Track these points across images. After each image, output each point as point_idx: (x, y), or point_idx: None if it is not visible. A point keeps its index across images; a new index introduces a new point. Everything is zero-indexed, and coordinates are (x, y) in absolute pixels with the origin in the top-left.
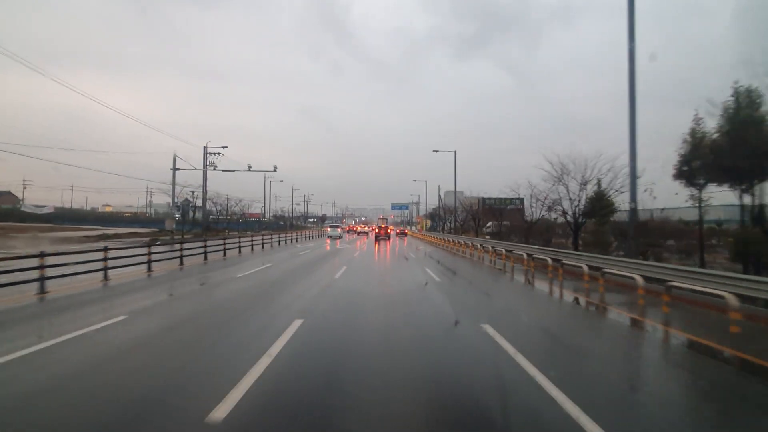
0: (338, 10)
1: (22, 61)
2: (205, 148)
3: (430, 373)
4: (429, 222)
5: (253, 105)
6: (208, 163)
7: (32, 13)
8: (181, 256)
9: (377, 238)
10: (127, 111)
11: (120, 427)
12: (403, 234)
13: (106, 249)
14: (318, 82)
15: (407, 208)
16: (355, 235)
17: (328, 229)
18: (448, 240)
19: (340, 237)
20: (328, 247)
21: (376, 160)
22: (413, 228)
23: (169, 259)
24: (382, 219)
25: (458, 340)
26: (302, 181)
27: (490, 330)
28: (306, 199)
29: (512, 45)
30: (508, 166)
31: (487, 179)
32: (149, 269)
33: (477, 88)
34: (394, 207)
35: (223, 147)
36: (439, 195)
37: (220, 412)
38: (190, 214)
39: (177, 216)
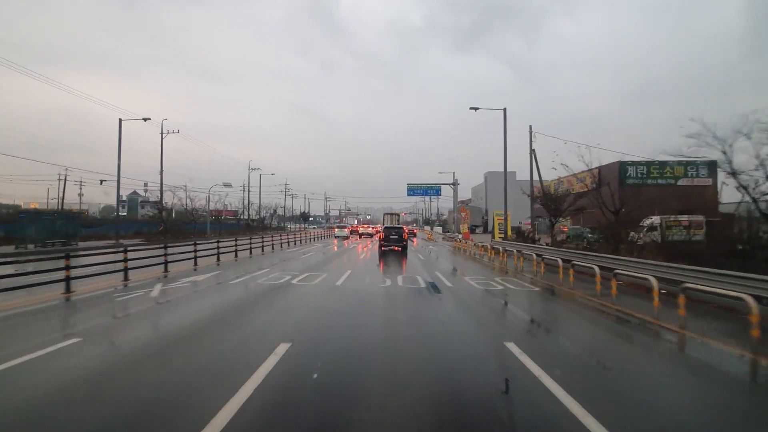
0: None
1: None
2: None
3: None
4: (526, 225)
5: (250, 105)
6: None
7: None
8: None
9: (382, 250)
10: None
11: None
12: (411, 234)
13: None
14: (318, 81)
15: (438, 192)
16: (357, 238)
17: (336, 230)
18: None
19: (347, 237)
20: None
21: (383, 160)
22: (450, 231)
23: None
24: (391, 215)
25: None
26: (302, 182)
27: None
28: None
29: None
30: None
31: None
32: None
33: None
34: (412, 191)
35: None
36: (505, 172)
37: None
38: None
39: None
